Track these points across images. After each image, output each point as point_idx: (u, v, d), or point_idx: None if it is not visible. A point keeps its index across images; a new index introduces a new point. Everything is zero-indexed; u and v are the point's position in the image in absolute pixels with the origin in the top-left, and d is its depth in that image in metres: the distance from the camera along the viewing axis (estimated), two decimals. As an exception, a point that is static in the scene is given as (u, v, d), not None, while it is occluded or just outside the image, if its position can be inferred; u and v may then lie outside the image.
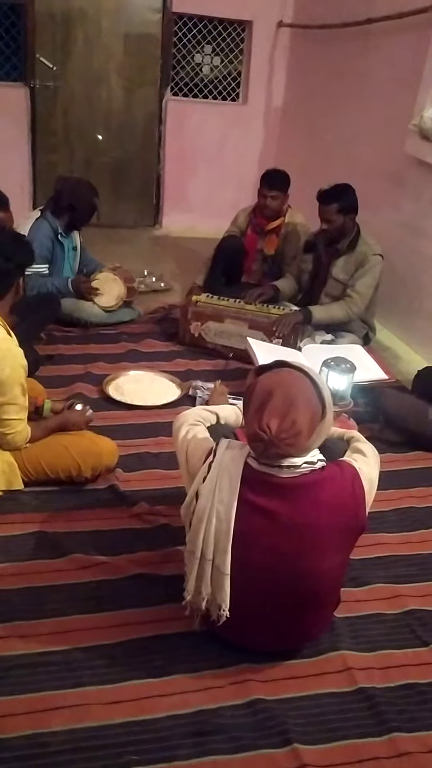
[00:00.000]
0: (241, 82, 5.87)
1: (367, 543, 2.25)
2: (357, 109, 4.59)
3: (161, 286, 4.55)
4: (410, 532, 2.41)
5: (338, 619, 1.96)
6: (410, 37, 3.92)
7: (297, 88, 5.62)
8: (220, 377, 3.16)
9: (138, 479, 2.55)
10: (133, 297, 3.97)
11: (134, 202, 5.88)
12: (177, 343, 3.70)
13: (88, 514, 2.33)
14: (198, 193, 5.90)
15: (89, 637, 1.85)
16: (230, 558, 1.62)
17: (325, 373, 2.64)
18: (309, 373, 1.62)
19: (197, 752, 1.57)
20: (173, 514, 2.25)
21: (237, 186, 5.72)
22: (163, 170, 5.82)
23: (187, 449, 1.78)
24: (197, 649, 1.83)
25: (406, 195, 3.99)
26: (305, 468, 1.60)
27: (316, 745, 1.61)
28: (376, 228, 3.74)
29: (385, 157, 4.19)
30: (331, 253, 3.59)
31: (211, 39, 5.68)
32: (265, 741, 1.61)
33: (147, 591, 2.01)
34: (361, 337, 3.64)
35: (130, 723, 1.62)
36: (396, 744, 1.62)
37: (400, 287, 3.98)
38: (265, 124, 5.91)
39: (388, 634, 1.96)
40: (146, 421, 2.94)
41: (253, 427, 1.56)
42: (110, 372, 3.27)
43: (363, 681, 1.78)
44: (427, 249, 3.80)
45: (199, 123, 5.74)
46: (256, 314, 3.54)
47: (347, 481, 1.66)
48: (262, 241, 4.07)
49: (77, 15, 5.22)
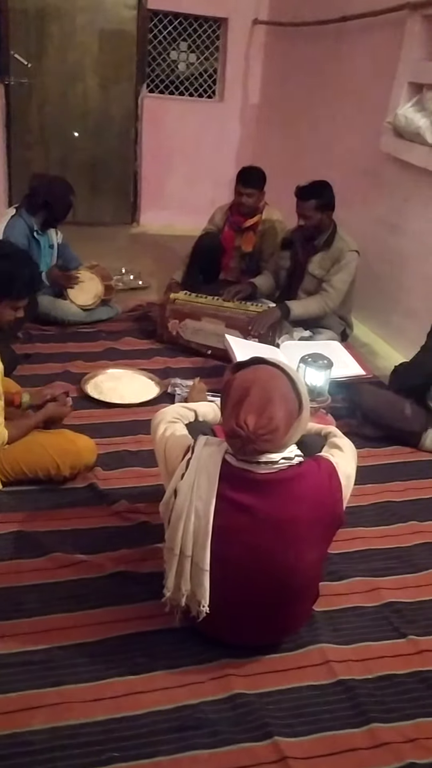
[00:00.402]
0: (218, 80, 5.87)
1: (346, 537, 2.28)
2: (333, 107, 4.61)
3: (139, 284, 4.54)
4: (388, 526, 2.43)
5: (317, 612, 1.98)
6: (384, 34, 3.95)
7: (273, 86, 5.63)
8: (199, 374, 3.17)
9: (117, 477, 2.55)
10: (110, 295, 3.96)
11: (111, 199, 5.86)
12: (155, 341, 3.70)
13: (68, 513, 2.32)
14: (175, 191, 5.90)
15: (69, 635, 1.85)
16: (209, 554, 1.62)
17: (302, 369, 2.66)
18: (285, 369, 1.64)
19: (179, 747, 1.57)
20: (152, 511, 2.26)
21: (214, 183, 5.72)
22: (140, 167, 5.81)
23: (165, 446, 1.79)
24: (178, 645, 1.84)
25: (381, 192, 4.03)
26: (283, 464, 1.62)
27: (296, 737, 1.62)
28: (352, 225, 3.77)
29: (361, 154, 4.23)
30: (308, 249, 3.61)
31: (186, 36, 5.67)
32: (246, 735, 1.62)
33: (127, 588, 2.01)
34: (339, 333, 3.67)
35: (111, 720, 1.63)
36: (375, 734, 1.64)
37: (377, 284, 4.02)
38: (242, 121, 5.92)
39: (367, 626, 1.98)
40: (125, 419, 2.94)
41: (230, 424, 1.57)
42: (89, 370, 3.26)
43: (342, 673, 1.80)
44: (402, 245, 3.84)
45: (176, 120, 5.73)
46: (234, 311, 3.54)
47: (324, 476, 1.68)
48: (239, 238, 4.08)
49: (52, 11, 5.19)
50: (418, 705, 1.74)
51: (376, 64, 4.06)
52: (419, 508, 2.55)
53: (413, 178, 3.70)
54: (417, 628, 1.98)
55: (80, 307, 3.78)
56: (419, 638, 1.94)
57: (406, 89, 3.64)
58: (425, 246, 3.58)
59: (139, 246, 5.46)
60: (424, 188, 3.62)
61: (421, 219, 3.67)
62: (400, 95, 3.67)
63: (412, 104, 3.59)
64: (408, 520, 2.46)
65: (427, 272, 3.46)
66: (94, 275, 3.84)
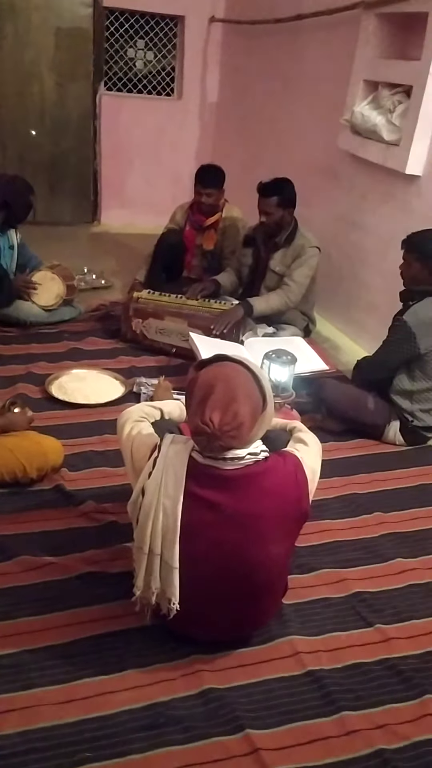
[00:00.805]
0: (176, 77, 5.87)
1: (313, 530, 2.31)
2: (291, 104, 4.65)
3: (102, 283, 4.52)
4: (354, 517, 2.47)
5: (286, 605, 2.00)
6: (340, 32, 4.00)
7: (231, 83, 5.65)
8: (164, 373, 3.17)
9: (84, 478, 2.54)
10: (73, 295, 3.92)
11: (71, 198, 5.81)
12: (119, 341, 3.68)
13: (35, 515, 2.31)
14: (136, 189, 5.88)
15: (39, 638, 1.84)
16: (178, 552, 1.63)
17: (266, 365, 2.68)
18: (249, 365, 1.65)
19: (151, 745, 1.58)
20: (120, 511, 2.25)
21: (174, 181, 5.72)
22: (99, 166, 5.77)
23: (131, 446, 1.79)
24: (148, 643, 1.84)
25: (340, 189, 4.08)
26: (249, 459, 1.63)
27: (267, 729, 1.64)
28: (312, 222, 3.81)
29: (319, 151, 4.27)
30: (270, 246, 3.64)
31: (143, 34, 5.65)
32: (218, 729, 1.63)
33: (96, 589, 2.01)
34: (302, 329, 3.70)
35: (83, 721, 1.63)
36: (344, 722, 1.68)
37: (338, 279, 4.07)
38: (201, 119, 5.92)
39: (335, 617, 2.01)
40: (91, 420, 2.93)
41: (195, 421, 1.58)
42: (52, 371, 3.24)
43: (311, 664, 1.83)
44: (362, 241, 3.89)
45: (134, 118, 5.71)
46: (198, 310, 3.55)
47: (290, 471, 1.69)
48: (200, 236, 4.09)
49: (6, 9, 5.12)
50: (386, 692, 1.78)
51: (332, 62, 4.10)
52: (383, 499, 2.60)
53: (370, 174, 3.75)
54: (384, 616, 2.02)
55: (42, 307, 3.74)
56: (386, 626, 1.98)
57: (362, 87, 3.69)
58: (383, 242, 3.64)
59: (100, 245, 5.43)
60: (381, 185, 3.68)
61: (378, 215, 3.73)
62: (357, 93, 3.72)
63: (368, 102, 3.64)
64: (373, 512, 2.51)
65: (386, 267, 3.51)
66: (55, 275, 3.80)
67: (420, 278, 2.79)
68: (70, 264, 4.07)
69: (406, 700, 1.76)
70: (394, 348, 2.82)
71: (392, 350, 2.84)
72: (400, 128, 3.40)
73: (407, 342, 2.77)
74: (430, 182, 3.32)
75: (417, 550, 2.33)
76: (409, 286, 2.86)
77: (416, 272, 2.80)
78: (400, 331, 2.79)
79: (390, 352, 2.85)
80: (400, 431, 2.93)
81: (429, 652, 1.92)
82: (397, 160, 3.41)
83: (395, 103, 3.44)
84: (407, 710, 1.73)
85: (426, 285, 2.79)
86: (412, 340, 2.75)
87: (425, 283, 2.79)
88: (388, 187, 3.63)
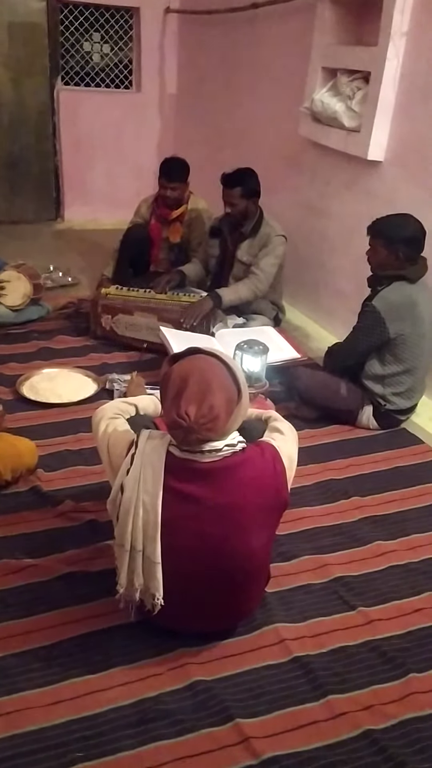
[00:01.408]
0: (133, 70, 5.82)
1: (292, 518, 2.32)
2: (250, 94, 4.64)
3: (69, 281, 4.48)
4: (332, 503, 2.50)
5: (269, 594, 2.01)
6: (296, 20, 4.00)
7: (189, 75, 5.62)
8: (136, 368, 3.15)
9: (60, 478, 2.52)
10: (40, 294, 3.88)
11: (33, 196, 5.73)
12: (89, 338, 3.66)
13: (12, 518, 2.28)
14: (98, 184, 5.82)
15: (23, 641, 1.82)
16: (160, 547, 1.63)
17: (239, 356, 2.68)
18: (222, 357, 1.65)
19: (141, 741, 1.58)
20: (99, 509, 2.25)
21: (137, 175, 5.68)
22: (60, 162, 5.71)
23: (108, 443, 1.78)
24: (134, 640, 1.84)
25: (303, 177, 4.09)
26: (226, 451, 1.63)
27: (256, 717, 1.66)
28: (277, 210, 3.81)
29: (281, 140, 4.27)
30: (236, 237, 3.64)
31: (99, 26, 5.59)
32: (208, 720, 1.64)
33: (79, 589, 2.00)
34: (272, 318, 3.71)
35: (71, 722, 1.62)
36: (332, 706, 1.70)
37: (305, 267, 4.08)
38: (161, 112, 5.88)
39: (317, 602, 2.03)
40: (64, 419, 2.90)
41: (171, 415, 1.57)
42: (23, 372, 3.20)
43: (297, 650, 1.85)
44: (327, 228, 3.91)
45: (94, 112, 5.65)
46: (167, 303, 3.54)
47: (268, 460, 1.70)
48: (166, 230, 4.07)
49: None
50: (371, 673, 1.80)
51: (290, 50, 4.10)
52: (360, 483, 2.63)
53: (332, 161, 3.77)
54: (365, 599, 2.05)
55: (9, 307, 3.69)
56: (368, 609, 2.01)
57: (321, 74, 3.69)
58: (348, 228, 3.66)
59: (65, 242, 5.37)
60: (343, 171, 3.70)
61: (342, 202, 3.75)
62: (316, 80, 3.72)
63: (327, 89, 3.65)
64: (350, 496, 2.53)
65: (352, 253, 3.54)
66: (21, 274, 3.76)
67: (387, 263, 2.81)
68: (35, 262, 4.03)
69: (391, 680, 1.78)
70: (365, 334, 2.84)
71: (362, 336, 2.86)
72: (360, 114, 3.41)
73: (377, 327, 2.79)
74: (391, 167, 3.35)
75: (395, 532, 2.36)
76: (377, 271, 2.88)
77: (383, 258, 2.81)
78: (369, 317, 2.81)
79: (360, 339, 2.87)
80: (373, 416, 2.96)
81: (411, 632, 1.95)
82: (359, 146, 3.42)
83: (354, 90, 3.45)
84: (393, 690, 1.76)
85: (393, 270, 2.81)
86: (381, 325, 2.77)
87: (392, 268, 2.81)
88: (350, 174, 3.65)
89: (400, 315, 2.77)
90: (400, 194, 3.26)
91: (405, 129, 3.23)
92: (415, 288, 2.80)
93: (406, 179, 3.25)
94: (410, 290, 2.79)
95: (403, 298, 2.78)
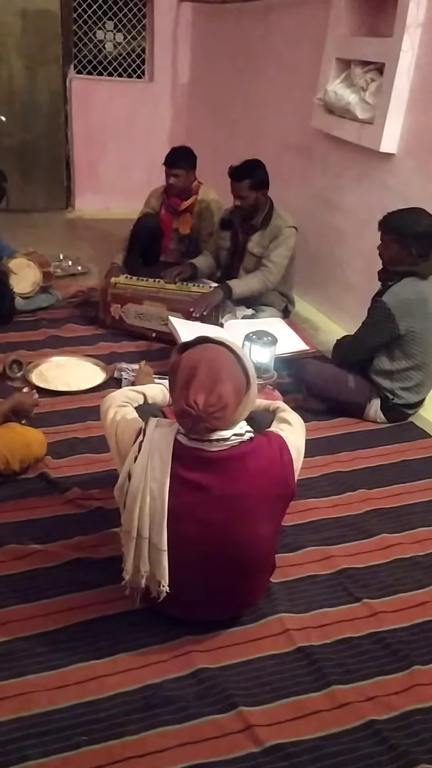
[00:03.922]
0: (146, 59, 5.80)
1: (299, 509, 2.33)
2: (263, 84, 4.62)
3: (78, 270, 4.48)
4: (338, 495, 2.50)
5: (275, 584, 2.02)
6: (311, 10, 3.97)
7: (202, 64, 5.60)
8: (144, 358, 3.16)
9: (68, 465, 2.53)
10: (49, 282, 3.88)
11: (44, 184, 5.73)
12: (98, 327, 3.66)
13: (21, 504, 2.30)
14: (109, 174, 5.82)
15: (30, 626, 1.84)
16: (166, 534, 1.64)
17: (247, 346, 2.69)
18: (231, 347, 1.65)
19: (145, 726, 1.59)
20: (106, 496, 2.26)
21: (148, 165, 5.66)
22: (71, 151, 5.70)
23: (116, 431, 1.79)
24: (139, 626, 1.85)
25: (315, 168, 4.07)
26: (234, 440, 1.64)
27: (260, 706, 1.66)
28: (288, 202, 3.80)
29: (293, 131, 4.25)
30: (247, 229, 3.63)
31: (112, 15, 5.57)
32: (211, 708, 1.65)
33: (85, 575, 2.01)
34: (281, 310, 3.71)
35: (77, 705, 1.63)
36: (335, 696, 1.70)
37: (316, 259, 4.07)
38: (173, 101, 5.86)
39: (322, 593, 2.04)
40: (73, 407, 2.91)
41: (180, 404, 1.58)
42: (32, 359, 3.21)
43: (301, 640, 1.85)
44: (338, 220, 3.89)
45: (106, 101, 5.64)
46: (176, 293, 3.54)
47: (275, 450, 1.70)
48: (176, 220, 4.06)
49: (-30, -9, 5.02)
50: (375, 665, 1.81)
51: (304, 40, 4.08)
52: (367, 476, 2.63)
53: (345, 153, 3.75)
54: (370, 591, 2.05)
55: (19, 295, 3.70)
56: (373, 601, 2.01)
57: (335, 65, 3.67)
58: (359, 220, 3.65)
59: (75, 231, 5.38)
60: (356, 163, 3.68)
61: (354, 194, 3.73)
62: (329, 71, 3.70)
63: (341, 80, 3.63)
64: (357, 489, 2.53)
65: (363, 246, 3.52)
66: (31, 262, 3.76)
67: (399, 259, 2.79)
68: (45, 251, 4.03)
69: (394, 671, 1.79)
70: (374, 330, 2.83)
71: (372, 332, 2.85)
72: (373, 106, 3.39)
73: (387, 324, 2.77)
74: (404, 160, 3.33)
75: (401, 525, 2.36)
76: (389, 266, 2.85)
77: (395, 253, 2.79)
78: (379, 313, 2.80)
79: (370, 334, 2.86)
80: (380, 409, 2.96)
81: (416, 625, 1.95)
82: (372, 138, 3.40)
83: (368, 81, 3.43)
84: (396, 681, 1.76)
85: (405, 265, 2.78)
86: (391, 321, 2.76)
87: (404, 264, 2.78)
88: (363, 166, 3.63)
89: (410, 311, 2.76)
90: (413, 187, 3.24)
91: (419, 121, 3.21)
92: (426, 284, 2.78)
93: (419, 172, 3.23)
94: (421, 287, 2.78)
95: (414, 294, 2.77)
